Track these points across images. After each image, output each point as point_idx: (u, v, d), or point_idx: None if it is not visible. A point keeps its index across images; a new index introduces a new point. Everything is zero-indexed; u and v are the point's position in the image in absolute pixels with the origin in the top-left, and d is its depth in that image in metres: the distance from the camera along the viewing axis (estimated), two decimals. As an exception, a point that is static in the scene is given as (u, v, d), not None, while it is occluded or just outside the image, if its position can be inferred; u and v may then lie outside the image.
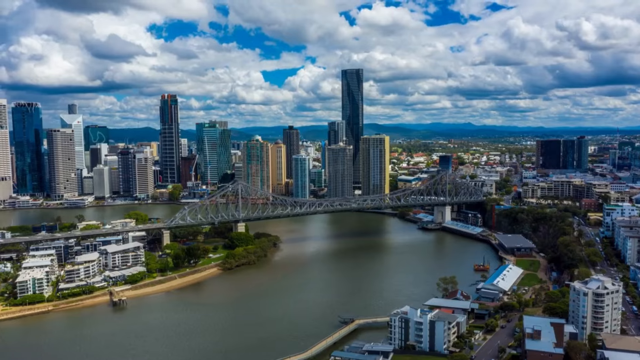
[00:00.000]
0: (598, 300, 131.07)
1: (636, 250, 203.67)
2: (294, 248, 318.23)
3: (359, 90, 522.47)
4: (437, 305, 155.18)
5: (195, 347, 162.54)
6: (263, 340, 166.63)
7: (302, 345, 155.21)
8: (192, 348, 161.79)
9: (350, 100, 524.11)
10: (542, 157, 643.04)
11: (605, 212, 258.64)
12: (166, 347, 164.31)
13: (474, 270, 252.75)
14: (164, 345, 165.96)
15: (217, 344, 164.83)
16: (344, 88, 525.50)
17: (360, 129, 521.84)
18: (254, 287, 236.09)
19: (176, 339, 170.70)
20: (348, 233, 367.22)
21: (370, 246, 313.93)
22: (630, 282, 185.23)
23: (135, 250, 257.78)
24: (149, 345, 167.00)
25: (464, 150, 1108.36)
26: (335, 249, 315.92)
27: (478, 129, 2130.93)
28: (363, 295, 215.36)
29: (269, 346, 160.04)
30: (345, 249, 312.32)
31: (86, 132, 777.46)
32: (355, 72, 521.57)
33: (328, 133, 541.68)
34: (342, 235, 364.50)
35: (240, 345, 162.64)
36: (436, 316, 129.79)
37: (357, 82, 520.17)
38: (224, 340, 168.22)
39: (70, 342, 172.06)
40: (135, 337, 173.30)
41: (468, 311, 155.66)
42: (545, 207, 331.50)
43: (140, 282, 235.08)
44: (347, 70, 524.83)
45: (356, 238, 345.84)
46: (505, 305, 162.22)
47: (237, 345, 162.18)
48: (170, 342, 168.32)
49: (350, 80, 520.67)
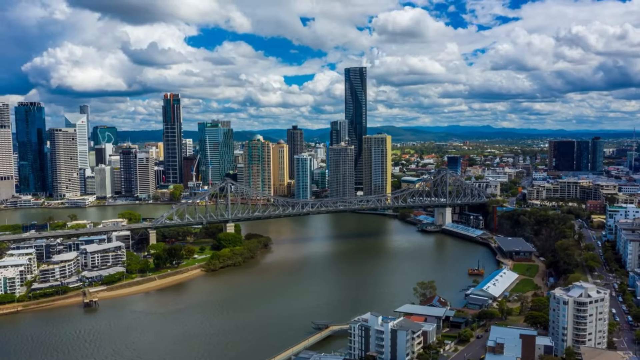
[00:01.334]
0: (580, 310, 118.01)
1: (637, 255, 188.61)
2: (286, 250, 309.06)
3: (362, 90, 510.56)
4: (408, 312, 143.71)
5: (144, 354, 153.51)
6: (226, 347, 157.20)
7: (266, 352, 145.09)
8: (140, 355, 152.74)
9: (353, 100, 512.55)
10: (555, 159, 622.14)
11: (608, 213, 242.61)
12: (115, 353, 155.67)
13: (468, 275, 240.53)
14: (113, 351, 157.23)
15: (170, 353, 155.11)
16: (347, 87, 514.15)
17: (363, 129, 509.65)
18: (234, 290, 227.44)
19: (131, 344, 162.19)
20: (345, 235, 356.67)
21: (365, 249, 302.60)
22: (629, 289, 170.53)
23: (116, 250, 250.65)
24: (97, 350, 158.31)
25: (479, 152, 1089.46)
26: (328, 251, 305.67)
27: (496, 131, 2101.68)
28: (346, 300, 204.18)
29: (230, 354, 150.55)
30: (338, 251, 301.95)
31: (95, 132, 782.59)
32: (358, 70, 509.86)
33: (330, 133, 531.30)
34: (339, 237, 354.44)
35: (199, 352, 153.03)
36: (399, 324, 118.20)
37: (361, 81, 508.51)
38: (179, 348, 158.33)
39: (17, 344, 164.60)
40: (90, 342, 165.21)
41: (441, 319, 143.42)
42: (549, 209, 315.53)
43: (117, 282, 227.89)
44: (350, 68, 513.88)
45: (352, 240, 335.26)
46: (485, 314, 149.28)
47: (193, 353, 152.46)
48: (122, 346, 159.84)
49: (353, 79, 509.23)
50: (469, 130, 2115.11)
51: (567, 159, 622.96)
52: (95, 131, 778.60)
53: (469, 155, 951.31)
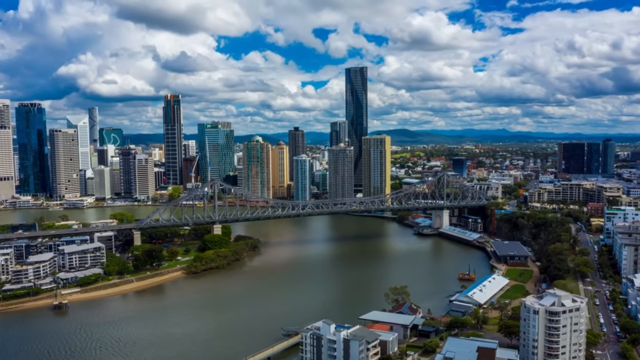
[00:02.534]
0: (552, 320, 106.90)
1: (632, 260, 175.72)
2: (275, 252, 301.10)
3: (363, 90, 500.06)
4: (373, 320, 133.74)
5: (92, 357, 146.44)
6: (185, 354, 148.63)
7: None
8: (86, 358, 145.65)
9: (354, 100, 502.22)
10: (565, 162, 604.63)
11: (606, 216, 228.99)
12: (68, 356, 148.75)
13: (458, 280, 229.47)
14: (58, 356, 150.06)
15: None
16: (348, 87, 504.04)
17: (364, 130, 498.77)
18: (210, 294, 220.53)
19: (81, 349, 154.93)
20: (340, 237, 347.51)
21: (356, 252, 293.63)
22: (621, 297, 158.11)
23: (95, 251, 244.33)
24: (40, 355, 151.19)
25: (490, 155, 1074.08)
26: (318, 253, 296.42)
27: (512, 135, 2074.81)
28: (325, 305, 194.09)
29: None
30: (328, 254, 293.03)
31: (101, 133, 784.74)
32: (359, 70, 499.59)
33: (330, 134, 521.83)
34: (333, 239, 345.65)
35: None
36: (353, 333, 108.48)
37: (362, 81, 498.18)
38: (136, 354, 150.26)
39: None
40: (48, 344, 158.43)
41: (408, 327, 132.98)
42: (548, 211, 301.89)
43: (93, 284, 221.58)
44: (350, 68, 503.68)
45: (345, 242, 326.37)
46: (456, 322, 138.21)
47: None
48: (67, 353, 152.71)
49: (354, 79, 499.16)
50: (484, 133, 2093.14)
51: (578, 161, 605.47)
52: (101, 133, 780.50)
53: (478, 158, 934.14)
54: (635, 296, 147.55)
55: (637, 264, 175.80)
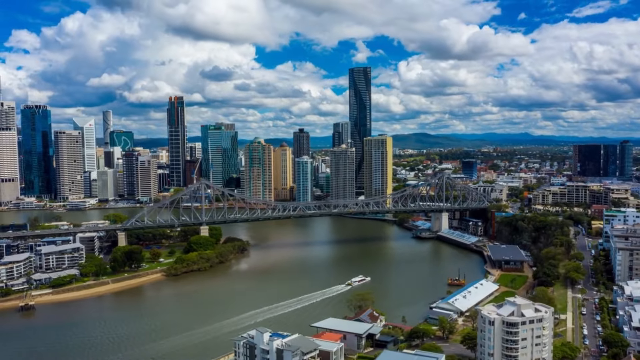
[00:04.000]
0: (510, 332, 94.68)
1: (627, 265, 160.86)
2: (263, 255, 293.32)
3: (366, 90, 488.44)
4: (326, 328, 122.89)
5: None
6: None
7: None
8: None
9: (357, 101, 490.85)
10: (580, 164, 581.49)
11: (605, 218, 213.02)
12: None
13: (447, 285, 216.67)
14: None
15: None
16: (351, 87, 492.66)
17: (368, 131, 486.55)
18: (184, 297, 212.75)
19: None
20: (335, 240, 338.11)
21: (348, 255, 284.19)
22: (610, 306, 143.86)
23: (73, 252, 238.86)
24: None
25: (507, 158, 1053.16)
26: (308, 256, 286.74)
27: (534, 139, 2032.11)
28: (295, 313, 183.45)
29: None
30: (317, 257, 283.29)
31: (111, 136, 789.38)
32: (362, 70, 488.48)
33: (332, 135, 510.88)
34: (327, 242, 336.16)
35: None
36: (289, 343, 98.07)
37: (365, 82, 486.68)
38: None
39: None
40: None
41: (362, 336, 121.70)
42: (550, 214, 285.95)
43: (67, 286, 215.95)
44: (354, 69, 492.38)
45: (340, 246, 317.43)
46: (417, 332, 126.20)
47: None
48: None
49: (357, 79, 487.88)
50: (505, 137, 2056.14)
51: (594, 164, 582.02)
52: (112, 135, 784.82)
53: (492, 161, 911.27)
54: (624, 305, 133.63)
55: (633, 270, 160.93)
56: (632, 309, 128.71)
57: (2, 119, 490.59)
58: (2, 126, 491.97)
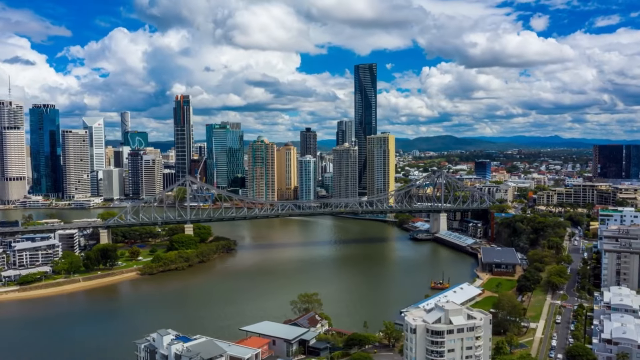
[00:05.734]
0: (435, 342, 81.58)
1: (614, 269, 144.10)
2: (251, 255, 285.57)
3: (372, 87, 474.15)
4: (254, 332, 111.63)
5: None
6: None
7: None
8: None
9: (362, 99, 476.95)
10: (601, 165, 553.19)
11: (600, 218, 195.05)
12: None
13: (430, 289, 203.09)
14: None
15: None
16: (356, 85, 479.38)
17: (373, 130, 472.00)
18: (151, 298, 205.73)
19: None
20: (330, 241, 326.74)
21: (338, 257, 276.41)
22: (589, 314, 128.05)
23: (48, 249, 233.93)
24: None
25: (530, 160, 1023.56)
26: (294, 257, 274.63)
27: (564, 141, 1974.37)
28: (255, 315, 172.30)
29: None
30: (305, 260, 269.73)
31: (126, 137, 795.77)
32: (368, 67, 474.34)
33: (337, 134, 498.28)
34: (321, 244, 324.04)
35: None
36: (190, 348, 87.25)
37: (370, 79, 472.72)
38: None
39: None
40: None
41: (292, 342, 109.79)
42: (553, 215, 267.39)
43: (35, 283, 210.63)
44: (359, 66, 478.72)
45: (332, 247, 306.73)
46: (355, 339, 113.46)
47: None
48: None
49: (362, 76, 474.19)
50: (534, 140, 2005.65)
51: (616, 165, 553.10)
52: (126, 136, 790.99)
53: (511, 163, 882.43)
54: (600, 314, 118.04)
55: (620, 275, 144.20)
56: (608, 318, 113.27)
57: (11, 117, 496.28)
58: (10, 125, 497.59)
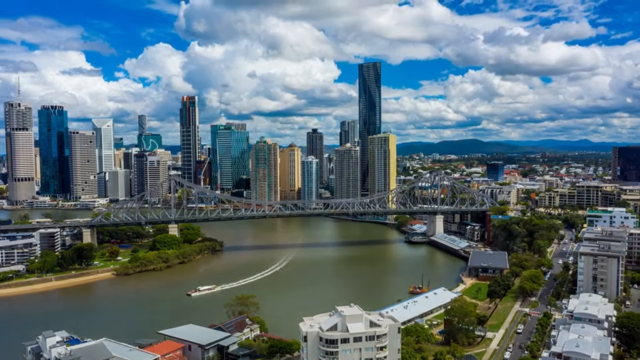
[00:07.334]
0: (328, 353, 71.31)
1: (591, 274, 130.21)
2: (235, 256, 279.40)
3: (376, 87, 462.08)
4: (171, 336, 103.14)
5: None
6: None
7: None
8: None
9: (366, 98, 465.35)
10: (620, 168, 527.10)
11: (589, 220, 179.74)
12: None
13: (408, 293, 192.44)
14: None
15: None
16: (360, 84, 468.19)
17: (377, 129, 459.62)
18: (111, 298, 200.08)
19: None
20: (326, 243, 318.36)
21: (324, 261, 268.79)
22: (553, 323, 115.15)
23: (24, 248, 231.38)
24: None
25: (553, 163, 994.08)
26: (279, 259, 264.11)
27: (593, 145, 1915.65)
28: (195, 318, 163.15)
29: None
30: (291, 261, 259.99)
31: (139, 139, 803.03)
32: (372, 65, 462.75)
33: (340, 134, 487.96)
34: (315, 246, 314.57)
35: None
36: (71, 352, 79.37)
37: (375, 78, 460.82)
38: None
39: None
40: None
41: (206, 348, 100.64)
42: (552, 217, 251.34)
43: (5, 282, 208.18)
44: (363, 64, 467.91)
45: (322, 249, 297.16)
46: (277, 346, 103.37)
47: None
48: None
49: (367, 75, 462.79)
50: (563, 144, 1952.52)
51: (637, 167, 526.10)
52: (140, 138, 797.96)
53: (530, 166, 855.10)
54: (561, 323, 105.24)
55: (597, 281, 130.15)
56: (567, 329, 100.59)
57: (19, 119, 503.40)
58: (19, 126, 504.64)
